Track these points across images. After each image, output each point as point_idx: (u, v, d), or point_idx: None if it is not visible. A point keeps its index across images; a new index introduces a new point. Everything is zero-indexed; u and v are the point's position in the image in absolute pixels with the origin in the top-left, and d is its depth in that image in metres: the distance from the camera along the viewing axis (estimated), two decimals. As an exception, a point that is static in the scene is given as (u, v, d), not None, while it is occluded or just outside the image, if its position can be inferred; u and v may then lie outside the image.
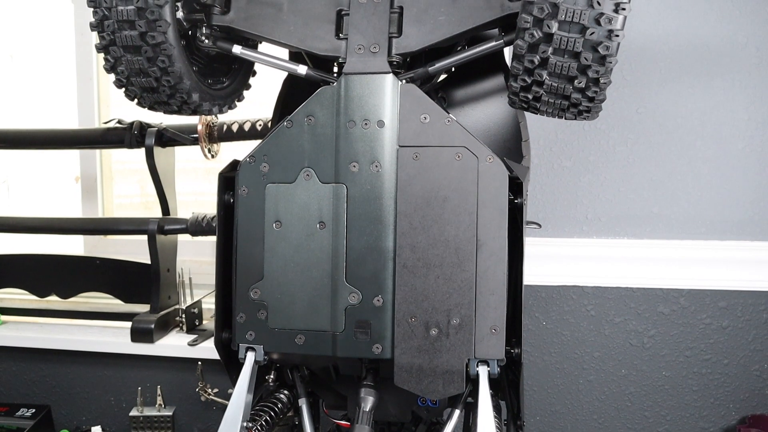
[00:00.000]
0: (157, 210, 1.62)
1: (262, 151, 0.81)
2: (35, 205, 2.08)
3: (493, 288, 0.76)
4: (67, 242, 1.89)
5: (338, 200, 0.79)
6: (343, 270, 0.79)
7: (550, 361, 1.59)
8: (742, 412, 1.54)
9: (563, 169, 1.53)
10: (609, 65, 0.70)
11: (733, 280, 1.49)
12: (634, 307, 1.54)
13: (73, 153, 1.90)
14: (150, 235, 1.54)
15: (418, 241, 0.77)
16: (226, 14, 0.85)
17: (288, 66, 0.86)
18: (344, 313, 0.79)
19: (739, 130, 1.46)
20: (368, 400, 0.82)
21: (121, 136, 1.56)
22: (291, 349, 0.80)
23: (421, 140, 0.78)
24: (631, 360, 1.56)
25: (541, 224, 1.34)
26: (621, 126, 1.50)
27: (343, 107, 0.79)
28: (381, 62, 0.79)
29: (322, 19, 0.82)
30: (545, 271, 1.54)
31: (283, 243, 0.80)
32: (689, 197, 1.50)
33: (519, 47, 0.72)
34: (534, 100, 0.78)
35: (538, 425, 1.61)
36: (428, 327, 0.77)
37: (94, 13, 0.79)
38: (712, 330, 1.52)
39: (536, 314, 1.57)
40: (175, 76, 0.81)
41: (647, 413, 1.57)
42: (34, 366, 1.75)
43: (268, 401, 0.89)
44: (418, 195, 0.78)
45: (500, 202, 0.76)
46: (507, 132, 0.96)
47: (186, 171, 1.86)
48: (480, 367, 0.76)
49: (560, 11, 0.68)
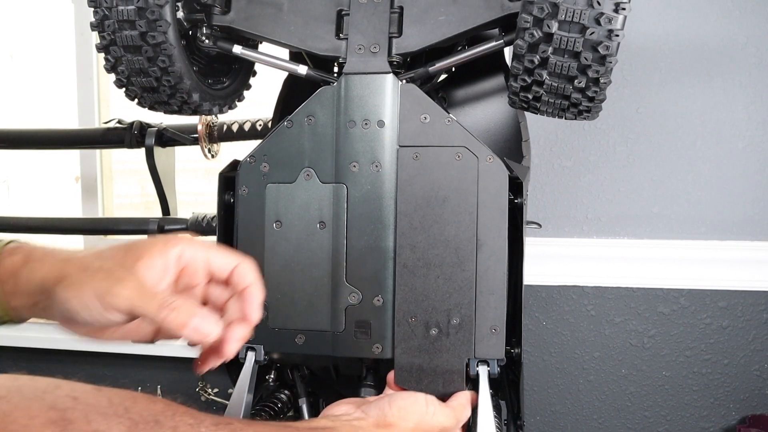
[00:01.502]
0: (157, 210, 1.62)
1: (262, 151, 0.81)
2: (35, 205, 2.08)
3: (493, 288, 0.76)
4: (67, 242, 1.89)
5: (338, 200, 0.79)
6: (343, 270, 0.79)
7: (550, 361, 1.59)
8: (742, 412, 1.54)
9: (563, 169, 1.53)
10: (609, 65, 0.70)
11: (733, 280, 1.49)
12: (634, 307, 1.54)
13: (73, 153, 1.90)
14: (150, 235, 1.54)
15: (418, 241, 0.77)
16: (227, 14, 0.85)
17: (288, 66, 0.86)
18: (344, 313, 0.79)
19: (739, 130, 1.46)
20: (368, 400, 0.82)
21: (121, 136, 1.56)
22: (291, 349, 0.80)
23: (421, 140, 0.78)
24: (631, 360, 1.56)
25: (541, 224, 1.34)
26: (621, 126, 1.50)
27: (343, 107, 0.79)
28: (381, 62, 0.79)
29: (322, 19, 0.82)
30: (545, 271, 1.54)
31: (283, 243, 0.80)
32: (689, 197, 1.50)
33: (519, 47, 0.72)
34: (534, 100, 0.78)
35: (538, 425, 1.61)
36: (428, 327, 0.77)
37: (95, 13, 0.79)
38: (712, 330, 1.52)
39: (536, 314, 1.57)
40: (176, 76, 0.81)
41: (647, 413, 1.57)
42: (34, 366, 1.75)
43: (268, 401, 0.89)
44: (418, 195, 0.78)
45: (500, 202, 0.76)
46: (507, 132, 0.96)
47: (186, 171, 1.86)
48: (480, 367, 0.76)
49: (560, 11, 0.68)
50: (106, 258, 0.57)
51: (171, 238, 0.60)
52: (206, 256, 0.60)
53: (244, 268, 0.60)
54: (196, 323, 0.53)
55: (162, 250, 0.58)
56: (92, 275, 0.54)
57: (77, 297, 0.53)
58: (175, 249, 0.59)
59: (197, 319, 0.53)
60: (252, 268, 0.61)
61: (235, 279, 0.60)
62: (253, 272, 0.60)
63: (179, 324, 0.53)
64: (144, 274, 0.56)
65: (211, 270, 0.61)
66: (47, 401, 0.43)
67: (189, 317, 0.53)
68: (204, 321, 0.54)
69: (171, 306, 0.53)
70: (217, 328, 0.54)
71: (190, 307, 0.54)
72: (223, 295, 0.62)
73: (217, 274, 0.61)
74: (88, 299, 0.53)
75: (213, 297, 0.63)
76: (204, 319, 0.54)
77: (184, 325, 0.53)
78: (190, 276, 0.60)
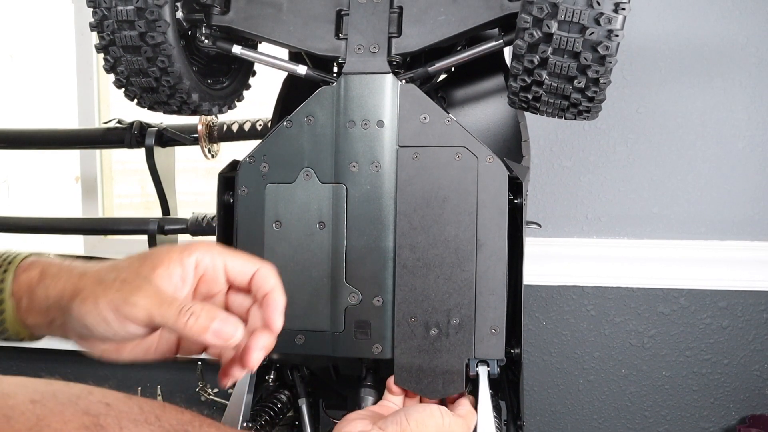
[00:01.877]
0: (157, 210, 1.62)
1: (262, 151, 0.81)
2: (35, 205, 2.08)
3: (493, 288, 0.76)
4: (67, 242, 1.89)
5: (338, 200, 0.79)
6: (342, 270, 0.79)
7: (550, 361, 1.59)
8: (742, 412, 1.54)
9: (563, 169, 1.53)
10: (609, 65, 0.70)
11: (733, 280, 1.49)
12: (634, 307, 1.54)
13: (73, 153, 1.90)
14: (150, 235, 1.54)
15: (417, 241, 0.77)
16: (226, 14, 0.85)
17: (288, 66, 0.86)
18: (344, 313, 0.79)
19: (739, 130, 1.46)
20: (368, 400, 0.82)
21: (121, 136, 1.56)
22: (291, 349, 0.80)
23: (421, 140, 0.78)
24: (631, 360, 1.56)
25: (541, 224, 1.34)
26: (621, 126, 1.50)
27: (342, 107, 0.79)
28: (381, 62, 0.79)
29: (321, 19, 0.82)
30: (545, 271, 1.54)
31: (282, 243, 0.80)
32: (689, 197, 1.50)
33: (518, 47, 0.72)
34: (534, 100, 0.78)
35: (538, 425, 1.61)
36: (428, 327, 0.77)
37: (94, 13, 0.79)
38: (712, 330, 1.52)
39: (536, 314, 1.57)
40: (175, 76, 0.81)
41: (647, 413, 1.57)
42: (34, 366, 1.75)
43: (268, 401, 0.89)
44: (417, 195, 0.78)
45: (500, 202, 0.76)
46: (507, 132, 0.96)
47: (186, 171, 1.86)
48: (480, 368, 0.76)
49: (560, 11, 0.68)
50: (121, 269, 0.55)
51: (189, 245, 0.57)
52: (224, 262, 0.58)
53: (265, 273, 0.58)
54: (217, 326, 0.51)
55: (179, 258, 0.56)
56: (108, 287, 0.53)
57: (93, 311, 0.52)
58: (193, 256, 0.56)
59: (218, 322, 0.51)
60: (273, 273, 0.58)
61: (256, 285, 0.58)
62: (274, 277, 0.58)
63: (200, 328, 0.51)
64: (161, 283, 0.54)
65: (230, 277, 0.58)
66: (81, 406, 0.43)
67: (209, 321, 0.51)
68: (225, 324, 0.51)
69: (191, 310, 0.51)
70: (240, 330, 0.52)
71: (210, 311, 0.52)
72: (245, 303, 0.60)
73: (237, 281, 0.59)
74: (105, 312, 0.52)
75: (235, 305, 0.60)
76: (225, 322, 0.52)
77: (206, 329, 0.51)
78: (209, 284, 0.58)
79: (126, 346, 0.58)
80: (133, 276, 0.54)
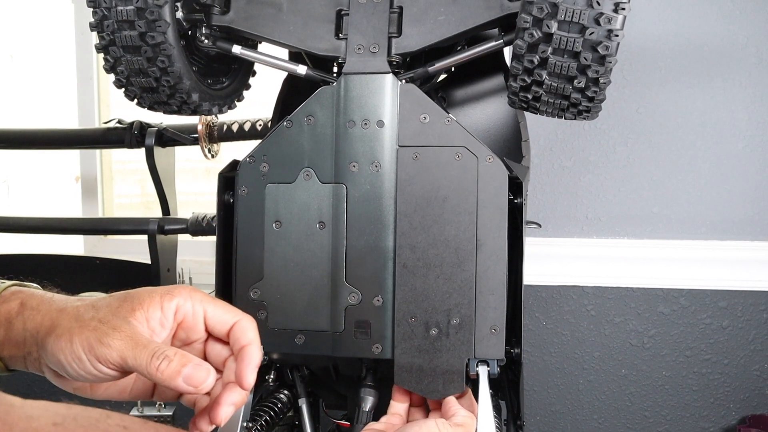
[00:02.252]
0: (157, 210, 1.62)
1: (262, 151, 0.81)
2: (35, 205, 2.08)
3: (493, 288, 0.76)
4: (67, 242, 1.89)
5: (338, 200, 0.79)
6: (342, 270, 0.79)
7: (550, 361, 1.59)
8: (742, 412, 1.54)
9: (563, 169, 1.53)
10: (609, 65, 0.70)
11: (733, 280, 1.49)
12: (634, 307, 1.54)
13: (73, 153, 1.90)
14: (150, 235, 1.54)
15: (417, 241, 0.77)
16: (226, 14, 0.85)
17: (288, 66, 0.86)
18: (344, 313, 0.79)
19: (739, 130, 1.46)
20: (368, 400, 0.82)
21: (121, 136, 1.56)
22: (291, 349, 0.80)
23: (421, 140, 0.78)
24: (631, 360, 1.56)
25: (541, 224, 1.34)
26: (621, 126, 1.50)
27: (342, 107, 0.79)
28: (381, 62, 0.79)
29: (321, 19, 0.82)
30: (545, 271, 1.54)
31: (282, 243, 0.80)
32: (689, 197, 1.50)
33: (518, 47, 0.72)
34: (534, 100, 0.78)
35: (538, 425, 1.61)
36: (428, 327, 0.77)
37: (94, 13, 0.79)
38: (712, 330, 1.52)
39: (536, 314, 1.57)
40: (175, 76, 0.81)
41: (647, 413, 1.57)
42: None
43: (268, 401, 0.89)
44: (417, 195, 0.77)
45: (500, 202, 0.76)
46: (507, 132, 0.96)
47: (186, 171, 1.86)
48: (480, 367, 0.76)
49: (560, 11, 0.68)
50: (100, 308, 0.53)
51: (171, 288, 0.56)
52: (204, 309, 0.56)
53: (244, 326, 0.57)
54: (188, 371, 0.49)
55: (160, 302, 0.55)
56: (84, 325, 0.51)
57: (67, 348, 0.51)
58: (174, 301, 0.55)
59: (190, 368, 0.50)
60: (252, 327, 0.57)
61: (234, 336, 0.56)
62: (253, 330, 0.57)
63: (172, 373, 0.49)
64: (139, 326, 0.53)
65: (209, 325, 0.57)
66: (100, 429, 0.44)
67: (181, 366, 0.49)
68: (197, 370, 0.50)
69: (164, 354, 0.49)
70: (211, 377, 0.51)
71: (184, 356, 0.50)
72: (223, 353, 0.58)
73: (216, 330, 0.57)
74: (79, 351, 0.50)
75: (213, 354, 0.59)
76: (197, 368, 0.50)
77: (178, 374, 0.49)
78: (188, 331, 0.57)
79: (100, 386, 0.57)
80: (111, 316, 0.52)
